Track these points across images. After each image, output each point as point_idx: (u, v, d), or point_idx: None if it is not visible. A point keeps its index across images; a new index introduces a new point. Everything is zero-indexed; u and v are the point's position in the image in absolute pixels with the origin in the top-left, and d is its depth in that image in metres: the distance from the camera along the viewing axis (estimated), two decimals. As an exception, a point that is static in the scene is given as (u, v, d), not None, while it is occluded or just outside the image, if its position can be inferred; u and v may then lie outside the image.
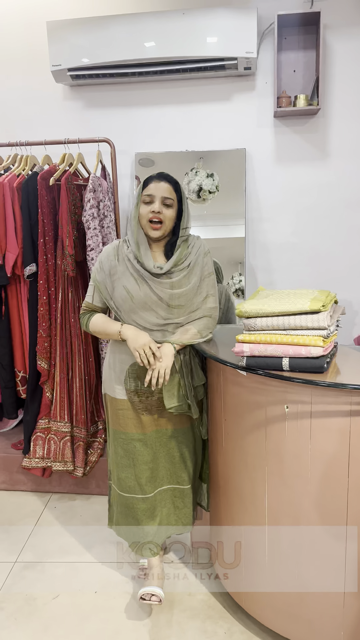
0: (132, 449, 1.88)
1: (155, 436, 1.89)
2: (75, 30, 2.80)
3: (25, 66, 3.04)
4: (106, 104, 3.03)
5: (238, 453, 1.73)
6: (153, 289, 1.76)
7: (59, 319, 2.59)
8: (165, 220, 1.76)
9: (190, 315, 1.83)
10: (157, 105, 3.00)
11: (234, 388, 1.70)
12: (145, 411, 1.86)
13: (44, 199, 2.51)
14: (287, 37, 2.79)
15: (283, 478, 1.59)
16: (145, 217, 1.76)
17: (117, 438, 1.91)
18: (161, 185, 1.75)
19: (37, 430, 2.69)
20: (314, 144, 2.92)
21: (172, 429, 1.90)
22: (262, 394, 1.59)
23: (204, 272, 1.85)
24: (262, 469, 1.64)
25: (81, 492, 2.73)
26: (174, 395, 1.80)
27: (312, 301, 1.50)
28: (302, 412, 1.51)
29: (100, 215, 2.61)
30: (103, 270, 1.83)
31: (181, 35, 2.74)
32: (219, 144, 2.97)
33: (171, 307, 1.78)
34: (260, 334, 1.55)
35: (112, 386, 1.90)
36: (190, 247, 1.84)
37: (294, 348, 1.49)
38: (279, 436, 1.57)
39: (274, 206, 3.02)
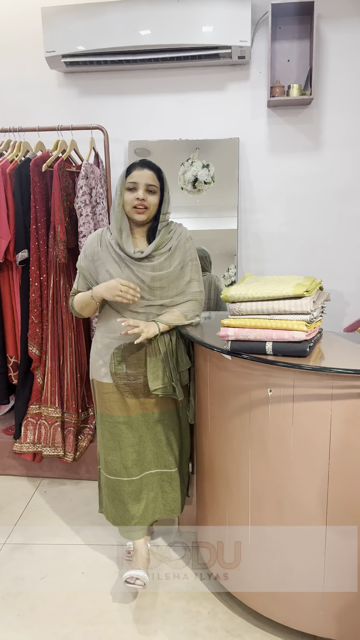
0: (118, 432, 1.91)
1: (142, 419, 1.93)
2: (70, 17, 2.79)
3: (20, 52, 3.03)
4: (100, 91, 3.03)
5: (223, 437, 1.76)
6: (135, 272, 1.80)
7: (51, 305, 2.60)
8: (149, 206, 1.80)
9: (174, 299, 1.87)
10: (151, 93, 3.00)
11: (220, 372, 1.72)
12: (131, 394, 1.90)
13: (37, 185, 2.52)
14: (281, 27, 2.79)
15: (266, 461, 1.62)
16: (130, 203, 1.79)
17: (104, 421, 1.95)
18: (145, 173, 1.78)
19: (28, 416, 2.72)
20: (307, 134, 2.93)
21: (158, 412, 1.94)
22: (246, 378, 1.61)
23: (186, 257, 1.88)
24: (246, 452, 1.67)
25: (71, 477, 2.76)
26: (159, 377, 1.84)
27: (296, 286, 1.52)
28: (285, 396, 1.53)
29: (93, 202, 2.62)
30: (87, 257, 1.89)
31: (176, 23, 2.73)
32: (213, 133, 2.98)
33: (153, 289, 1.82)
34: (244, 318, 1.56)
35: (98, 370, 1.93)
36: (171, 233, 1.87)
37: (278, 332, 1.51)
38: (262, 420, 1.60)
39: (267, 196, 3.03)
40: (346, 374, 1.41)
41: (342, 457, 1.50)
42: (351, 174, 2.94)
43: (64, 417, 2.68)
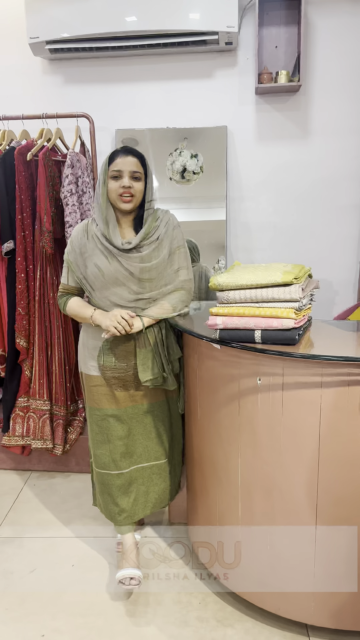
0: (107, 425, 1.89)
1: (131, 412, 1.91)
2: (54, 2, 2.72)
3: (2, 38, 2.96)
4: (86, 78, 2.98)
5: (213, 426, 1.74)
6: (123, 264, 1.76)
7: (38, 297, 2.57)
8: (136, 193, 1.75)
9: (162, 289, 1.83)
10: (137, 81, 2.95)
11: (209, 362, 1.71)
12: (120, 387, 1.87)
13: (22, 175, 2.48)
14: (268, 13, 2.75)
15: (256, 450, 1.61)
16: (115, 192, 1.74)
17: (92, 414, 1.93)
18: (128, 160, 1.73)
19: (16, 409, 2.69)
20: (295, 122, 2.90)
21: (147, 404, 1.92)
22: (235, 366, 1.60)
23: (173, 244, 1.84)
24: (236, 441, 1.65)
25: (61, 469, 2.74)
26: (149, 368, 1.82)
27: (285, 274, 1.50)
28: (274, 385, 1.52)
29: (79, 191, 2.58)
30: (74, 250, 1.84)
31: (162, 9, 2.68)
32: (201, 121, 2.94)
33: (142, 281, 1.78)
34: (233, 306, 1.55)
35: (86, 363, 1.91)
36: (158, 221, 1.83)
37: (266, 320, 1.49)
38: (252, 409, 1.58)
39: (255, 185, 3.00)
40: (335, 361, 1.40)
41: (332, 445, 1.49)
42: (340, 161, 2.92)
43: (52, 410, 2.65)
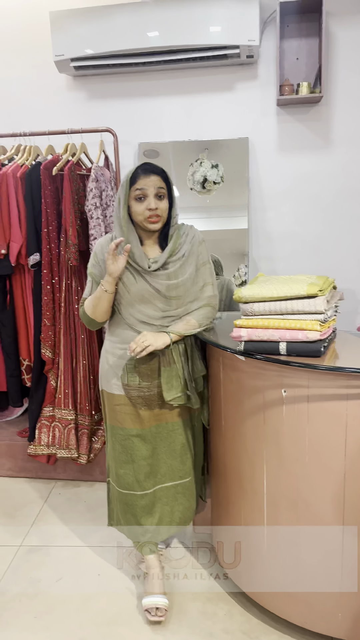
0: (131, 445, 1.86)
1: (155, 431, 1.88)
2: (78, 20, 2.80)
3: (29, 57, 3.05)
4: (109, 94, 3.04)
5: (237, 438, 1.75)
6: (150, 282, 1.74)
7: (63, 308, 2.61)
8: (162, 213, 1.72)
9: (188, 305, 1.80)
10: (160, 95, 3.00)
11: (233, 373, 1.72)
12: (145, 406, 1.84)
13: (47, 189, 2.53)
14: (289, 25, 2.78)
15: (281, 462, 1.61)
16: (142, 214, 1.70)
17: (115, 434, 1.89)
18: (151, 179, 1.68)
19: (41, 418, 2.73)
20: (316, 132, 2.92)
21: (172, 423, 1.89)
22: (260, 378, 1.61)
23: (199, 261, 1.82)
24: (261, 453, 1.66)
25: (85, 479, 2.76)
26: (173, 386, 1.78)
27: (309, 286, 1.51)
28: (299, 396, 1.52)
29: (103, 204, 2.63)
30: (99, 263, 1.81)
31: (184, 24, 2.73)
32: (222, 133, 2.97)
33: (169, 299, 1.76)
34: (257, 318, 1.56)
35: (109, 381, 1.88)
36: (183, 237, 1.80)
37: (291, 332, 1.50)
38: (277, 420, 1.59)
39: (277, 195, 3.02)
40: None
41: (359, 457, 1.48)
42: (362, 171, 2.92)
43: (77, 419, 2.69)
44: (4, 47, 3.06)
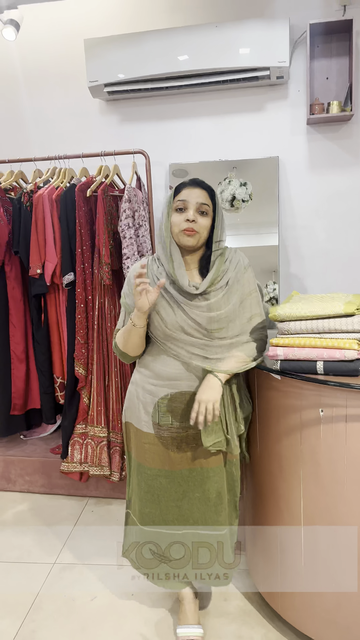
0: (158, 486, 1.71)
1: (187, 475, 1.70)
2: (111, 47, 2.89)
3: (64, 83, 3.15)
4: (141, 117, 3.11)
5: (273, 457, 1.74)
6: (188, 313, 1.58)
7: (96, 326, 2.65)
8: (200, 229, 1.58)
9: (235, 339, 1.63)
10: (190, 117, 3.06)
11: (268, 392, 1.71)
12: (176, 448, 1.68)
13: (82, 210, 2.59)
14: (319, 45, 2.81)
15: (319, 482, 1.59)
16: (179, 225, 1.58)
17: (141, 472, 1.74)
18: (196, 192, 1.59)
19: (74, 435, 2.75)
20: (347, 150, 2.92)
21: (206, 468, 1.69)
22: (296, 397, 1.60)
23: (244, 289, 1.64)
24: (297, 473, 1.64)
25: (117, 496, 2.77)
26: (213, 430, 1.61)
27: (346, 304, 1.50)
28: (337, 416, 1.51)
29: (136, 224, 2.68)
30: (132, 292, 1.62)
31: (214, 48, 2.79)
32: (252, 153, 3.00)
33: (211, 332, 1.59)
34: (294, 337, 1.56)
35: (138, 417, 1.72)
36: (227, 263, 1.64)
37: (328, 351, 1.49)
38: (314, 440, 1.57)
39: (308, 213, 3.02)
40: None
41: None
42: (394, 188, 2.90)
43: (109, 437, 2.70)
44: (41, 74, 3.17)
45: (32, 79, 3.18)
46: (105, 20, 3.04)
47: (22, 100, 3.21)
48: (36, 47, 3.14)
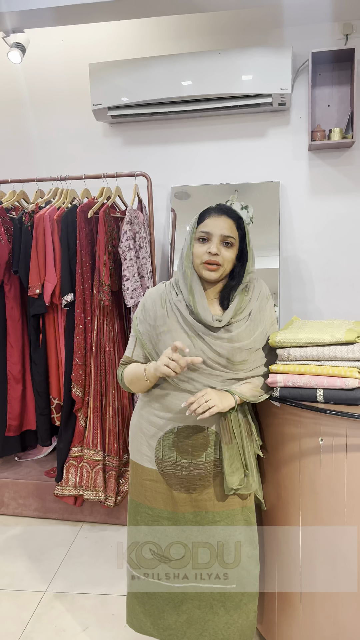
0: (159, 528, 1.56)
1: (192, 519, 1.55)
2: (116, 71, 2.93)
3: (68, 105, 3.19)
4: (144, 140, 3.14)
5: (271, 486, 1.70)
6: (210, 344, 1.47)
7: (94, 348, 2.63)
8: (224, 262, 1.47)
9: (254, 371, 1.54)
10: (193, 141, 3.08)
11: (267, 419, 1.68)
12: (182, 488, 1.54)
13: (83, 231, 2.59)
14: (321, 73, 2.85)
15: (317, 513, 1.55)
16: (200, 257, 1.46)
17: (141, 512, 1.60)
18: (221, 221, 1.46)
19: (70, 458, 2.71)
20: (348, 176, 2.93)
21: (215, 512, 1.53)
22: (296, 425, 1.57)
23: (267, 320, 1.55)
24: (296, 503, 1.60)
25: (112, 522, 2.71)
26: (237, 468, 1.49)
27: (347, 332, 1.48)
28: (337, 445, 1.47)
29: (136, 246, 2.67)
30: (147, 320, 1.54)
31: (217, 74, 2.83)
32: (254, 177, 3.02)
33: (233, 364, 1.48)
34: (294, 364, 1.53)
35: (140, 450, 1.60)
36: (250, 293, 1.54)
37: (329, 379, 1.47)
38: (313, 470, 1.54)
39: (309, 237, 3.02)
40: None
41: None
42: (395, 214, 2.91)
43: (105, 460, 2.66)
44: (46, 96, 3.21)
45: (37, 100, 3.22)
46: (110, 45, 3.09)
47: (27, 121, 3.24)
48: (41, 70, 3.18)
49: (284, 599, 1.69)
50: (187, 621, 1.58)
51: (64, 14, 2.67)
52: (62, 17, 2.70)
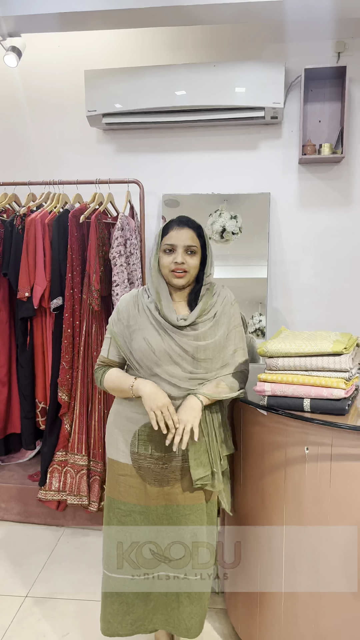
0: (131, 523, 1.64)
1: (162, 512, 1.64)
2: (111, 79, 2.95)
3: (63, 111, 3.20)
4: (137, 148, 3.16)
5: (256, 494, 1.72)
6: (177, 341, 1.58)
7: (82, 352, 2.63)
8: (189, 269, 1.60)
9: (219, 371, 1.64)
10: (185, 150, 3.12)
11: (254, 427, 1.70)
12: (155, 481, 1.63)
13: (74, 236, 2.60)
14: (313, 90, 2.90)
15: (301, 521, 1.57)
16: (168, 267, 1.60)
17: (114, 508, 1.67)
18: (183, 233, 1.59)
19: (54, 462, 2.70)
20: (337, 190, 2.99)
21: (183, 506, 1.63)
22: (282, 434, 1.59)
23: (230, 323, 1.67)
24: (281, 511, 1.62)
25: (94, 527, 2.70)
26: (202, 463, 1.59)
27: (335, 343, 1.51)
28: (322, 455, 1.50)
29: (127, 252, 2.69)
30: (121, 321, 1.66)
31: (211, 86, 2.86)
32: (245, 188, 3.06)
33: (198, 361, 1.60)
34: (282, 373, 1.56)
35: (116, 446, 1.68)
36: (215, 297, 1.67)
37: (316, 389, 1.50)
38: (298, 478, 1.56)
39: (297, 249, 3.07)
40: (387, 434, 1.38)
41: (383, 521, 1.44)
42: (381, 229, 2.97)
43: (90, 465, 2.65)
44: (41, 100, 3.22)
45: (32, 105, 3.23)
46: (106, 52, 3.11)
47: (20, 124, 3.25)
48: (37, 75, 3.19)
49: (265, 602, 1.71)
50: (154, 608, 1.67)
51: (61, 21, 2.70)
52: (60, 23, 2.72)
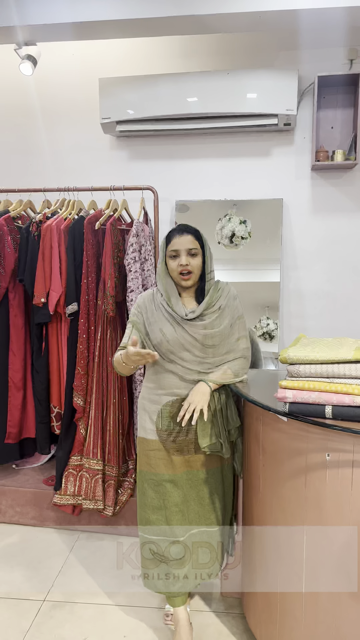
0: (164, 491, 1.90)
1: (186, 477, 1.93)
2: (125, 87, 2.98)
3: (77, 118, 3.23)
4: (150, 154, 3.19)
5: (276, 500, 1.73)
6: (188, 331, 1.85)
7: (97, 357, 2.65)
8: (193, 269, 1.85)
9: (224, 357, 1.92)
10: (198, 157, 3.14)
11: (274, 434, 1.72)
12: (177, 451, 1.91)
13: (90, 242, 2.63)
14: (325, 96, 2.92)
15: (323, 528, 1.58)
16: (175, 270, 1.85)
17: (148, 479, 1.94)
18: (184, 238, 1.84)
19: (69, 467, 2.72)
20: (350, 197, 3.01)
21: (203, 470, 1.94)
22: (303, 440, 1.60)
23: (234, 314, 1.93)
24: (301, 517, 1.63)
25: (110, 532, 2.72)
26: (207, 434, 1.87)
27: (356, 351, 1.53)
28: (344, 461, 1.51)
29: (142, 258, 2.71)
30: (141, 313, 1.94)
31: (224, 93, 2.89)
32: (257, 194, 3.08)
33: (206, 347, 1.87)
34: (303, 380, 1.57)
35: (144, 427, 1.96)
36: (219, 291, 1.93)
37: (338, 396, 1.51)
38: (319, 485, 1.57)
39: (310, 254, 3.08)
40: None
41: None
42: (394, 235, 2.98)
43: (105, 470, 2.67)
44: (56, 108, 3.26)
45: (47, 112, 3.26)
46: (120, 61, 3.14)
47: (36, 131, 3.29)
48: (52, 83, 3.23)
49: (285, 609, 1.72)
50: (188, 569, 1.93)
51: (76, 30, 2.73)
52: (75, 32, 2.76)
